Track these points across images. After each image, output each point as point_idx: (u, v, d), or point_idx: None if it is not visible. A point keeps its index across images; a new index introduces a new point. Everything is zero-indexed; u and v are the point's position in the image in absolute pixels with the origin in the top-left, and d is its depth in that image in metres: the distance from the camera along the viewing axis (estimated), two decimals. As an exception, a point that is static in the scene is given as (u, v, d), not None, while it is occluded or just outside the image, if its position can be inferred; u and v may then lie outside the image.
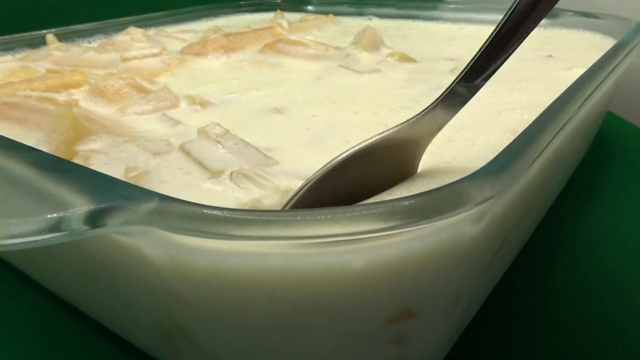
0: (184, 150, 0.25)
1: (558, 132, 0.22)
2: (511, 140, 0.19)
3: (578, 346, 0.25)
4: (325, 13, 0.63)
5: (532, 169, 0.20)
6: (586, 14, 0.49)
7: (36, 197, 0.16)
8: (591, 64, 0.29)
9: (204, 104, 0.33)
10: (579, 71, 0.28)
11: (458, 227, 0.16)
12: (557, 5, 0.20)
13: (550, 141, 0.21)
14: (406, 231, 0.15)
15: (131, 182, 0.21)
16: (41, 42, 0.49)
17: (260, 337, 0.18)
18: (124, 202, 0.15)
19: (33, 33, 0.50)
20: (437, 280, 0.18)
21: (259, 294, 0.16)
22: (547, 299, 0.29)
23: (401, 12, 0.60)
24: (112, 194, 0.16)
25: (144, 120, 0.31)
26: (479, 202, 0.16)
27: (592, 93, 0.26)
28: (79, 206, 0.16)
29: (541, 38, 0.49)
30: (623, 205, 0.39)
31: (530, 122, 0.21)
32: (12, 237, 0.15)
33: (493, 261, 0.22)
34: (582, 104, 0.25)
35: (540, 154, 0.20)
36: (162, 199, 0.15)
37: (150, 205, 0.15)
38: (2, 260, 0.33)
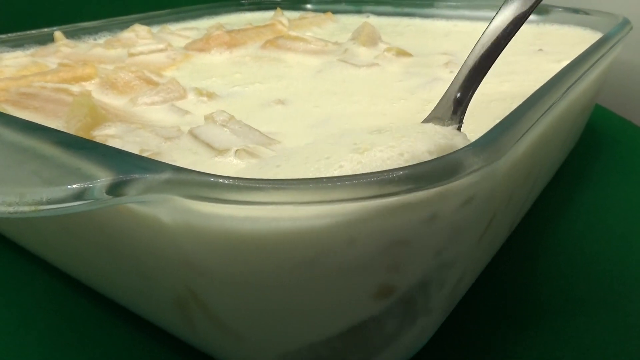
0: (193, 134, 0.26)
1: (543, 113, 0.23)
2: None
3: (563, 325, 0.27)
4: (324, 11, 0.65)
5: (519, 147, 0.22)
6: (576, 10, 0.50)
7: (64, 170, 0.18)
8: (578, 56, 0.31)
9: (210, 95, 0.34)
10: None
11: (449, 196, 0.18)
12: (548, 2, 0.22)
13: (536, 121, 0.22)
14: (400, 198, 0.17)
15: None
16: (49, 40, 0.51)
17: (265, 297, 0.19)
18: (144, 173, 0.17)
19: (41, 30, 0.51)
20: (424, 246, 0.19)
21: (267, 255, 0.18)
22: (535, 280, 0.31)
23: (398, 9, 0.62)
24: (132, 167, 0.17)
25: (154, 111, 0.32)
26: (469, 171, 0.17)
27: (577, 80, 0.28)
28: (102, 178, 0.17)
29: (532, 34, 0.50)
30: (610, 194, 0.40)
31: (519, 111, 0.22)
32: (43, 203, 0.17)
33: (484, 235, 0.23)
34: (567, 89, 0.27)
35: (527, 132, 0.21)
36: (179, 170, 0.17)
37: (168, 175, 0.17)
38: (17, 246, 0.34)
